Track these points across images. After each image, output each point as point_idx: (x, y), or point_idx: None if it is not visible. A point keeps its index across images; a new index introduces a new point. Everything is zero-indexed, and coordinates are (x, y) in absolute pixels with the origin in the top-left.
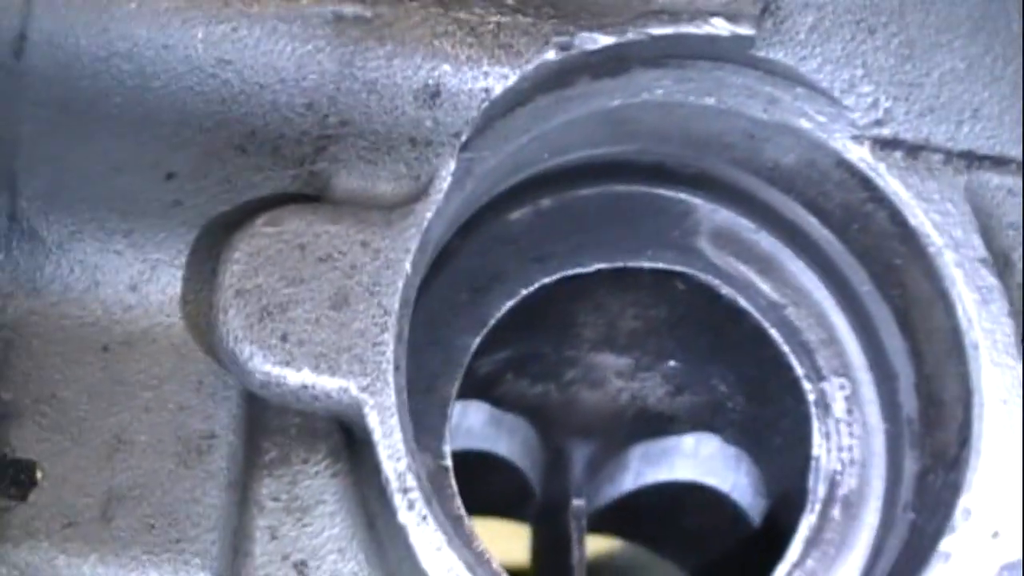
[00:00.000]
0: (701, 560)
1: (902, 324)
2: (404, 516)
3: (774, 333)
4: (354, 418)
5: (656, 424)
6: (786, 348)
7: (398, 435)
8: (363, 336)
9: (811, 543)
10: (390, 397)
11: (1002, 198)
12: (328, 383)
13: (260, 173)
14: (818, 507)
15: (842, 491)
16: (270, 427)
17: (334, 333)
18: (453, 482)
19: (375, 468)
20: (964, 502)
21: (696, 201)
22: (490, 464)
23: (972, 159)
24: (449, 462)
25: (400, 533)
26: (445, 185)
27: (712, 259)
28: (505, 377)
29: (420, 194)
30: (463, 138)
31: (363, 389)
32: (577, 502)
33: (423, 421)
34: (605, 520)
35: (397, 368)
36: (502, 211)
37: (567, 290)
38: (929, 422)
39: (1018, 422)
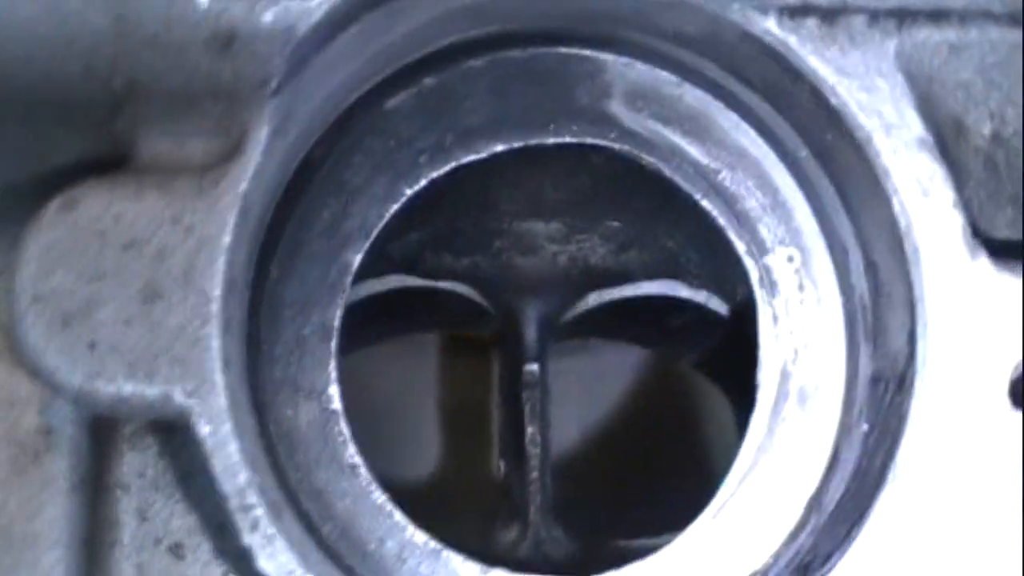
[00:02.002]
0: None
1: (844, 202)
2: (248, 538)
3: (707, 204)
4: (184, 428)
5: (606, 278)
6: (722, 220)
7: (233, 445)
8: (182, 332)
9: (762, 449)
10: (220, 400)
11: (945, 55)
12: (147, 392)
13: (53, 142)
14: (769, 404)
15: (795, 383)
16: None
17: (148, 332)
18: (344, 427)
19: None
20: (906, 446)
21: (606, 58)
22: (436, 294)
23: (904, 16)
24: (338, 405)
25: (246, 556)
26: (262, 138)
27: (628, 125)
28: (424, 255)
29: (234, 151)
30: (272, 86)
31: (188, 395)
32: (530, 367)
33: (302, 360)
34: (577, 328)
35: (227, 364)
36: (374, 101)
37: (466, 176)
38: (880, 315)
39: (967, 335)
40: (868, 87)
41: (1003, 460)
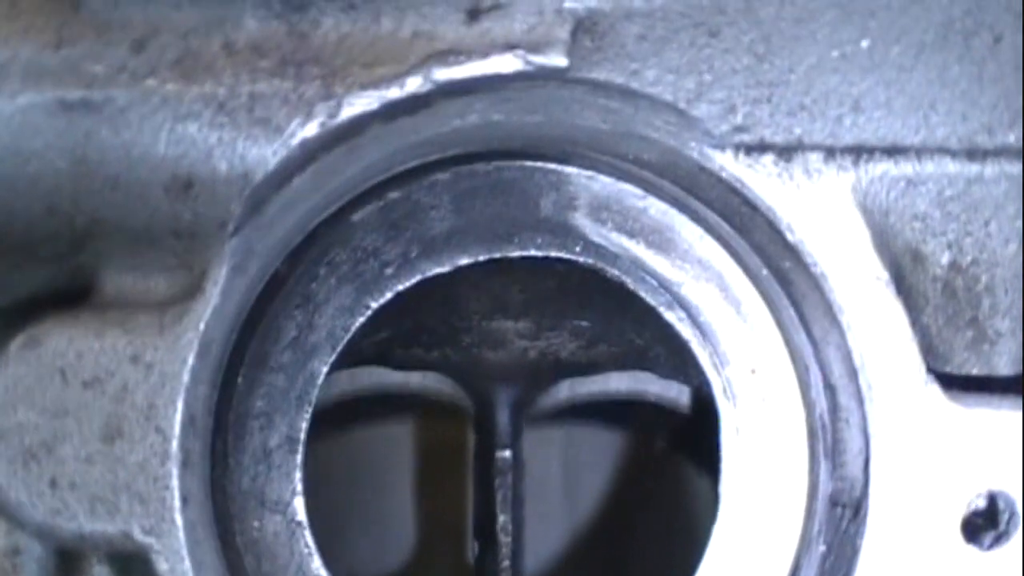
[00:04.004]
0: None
1: (803, 323)
2: None
3: (669, 317)
4: (145, 563)
5: (577, 369)
6: (685, 334)
7: None
8: (142, 470)
9: (724, 560)
10: (179, 538)
11: (902, 189)
12: (107, 529)
13: (17, 273)
14: (732, 516)
15: (758, 494)
16: None
17: (108, 471)
18: (309, 539)
19: None
20: None
21: (569, 170)
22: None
23: (860, 152)
24: (303, 516)
25: None
26: (221, 276)
27: (592, 237)
28: (393, 349)
29: (195, 287)
30: (231, 227)
31: (147, 532)
32: (502, 454)
33: (269, 472)
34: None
35: (185, 500)
36: (340, 215)
37: (432, 285)
38: (839, 436)
39: (921, 471)
40: (824, 224)
41: None
